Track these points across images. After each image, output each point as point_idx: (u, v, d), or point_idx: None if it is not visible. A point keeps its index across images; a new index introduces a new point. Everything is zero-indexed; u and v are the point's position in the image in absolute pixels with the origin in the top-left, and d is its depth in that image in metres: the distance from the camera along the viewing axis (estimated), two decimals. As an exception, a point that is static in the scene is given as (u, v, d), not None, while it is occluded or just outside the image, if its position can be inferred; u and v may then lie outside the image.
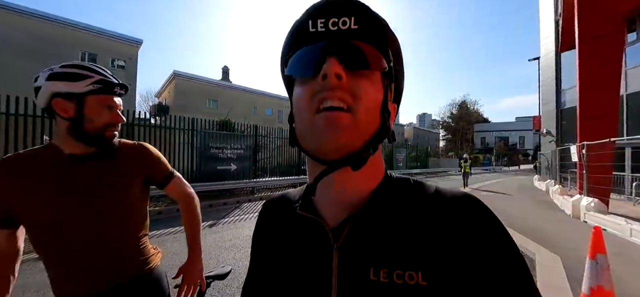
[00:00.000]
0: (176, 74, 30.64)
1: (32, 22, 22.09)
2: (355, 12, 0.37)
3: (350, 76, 0.37)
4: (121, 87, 0.99)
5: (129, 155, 1.04)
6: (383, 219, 0.39)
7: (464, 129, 52.58)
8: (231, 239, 4.96)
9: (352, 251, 0.38)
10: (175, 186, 1.18)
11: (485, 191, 12.16)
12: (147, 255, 1.05)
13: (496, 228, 0.38)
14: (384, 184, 0.43)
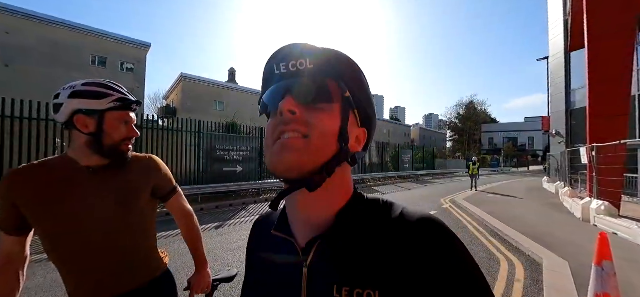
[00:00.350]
0: (183, 77, 31.05)
1: (44, 27, 22.67)
2: (309, 54, 0.43)
3: (305, 110, 0.42)
4: (137, 104, 1.05)
5: (140, 167, 1.09)
6: (347, 239, 0.42)
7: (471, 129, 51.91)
8: (237, 240, 5.01)
9: (319, 268, 0.42)
10: (177, 201, 1.22)
11: (491, 193, 11.98)
12: (156, 260, 1.11)
13: (454, 252, 0.39)
14: (351, 205, 0.45)
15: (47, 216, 0.90)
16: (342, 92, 0.44)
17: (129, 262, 1.01)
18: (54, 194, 0.91)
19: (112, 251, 0.97)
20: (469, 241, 5.16)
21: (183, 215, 1.24)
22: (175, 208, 1.22)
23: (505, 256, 4.40)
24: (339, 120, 0.43)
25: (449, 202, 9.66)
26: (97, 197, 0.95)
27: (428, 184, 17.61)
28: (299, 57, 0.43)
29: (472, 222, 6.77)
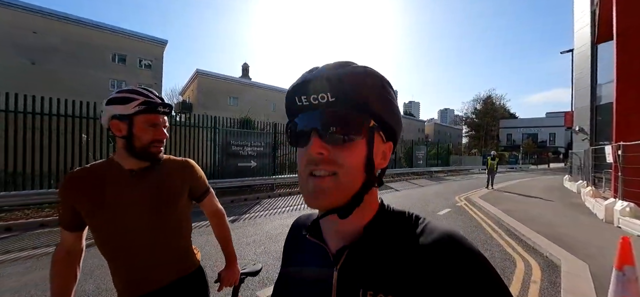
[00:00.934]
0: (199, 73, 31.68)
1: (69, 26, 23.60)
2: (329, 87, 0.44)
3: (332, 149, 0.44)
4: (164, 106, 1.08)
5: (177, 170, 1.17)
6: (373, 249, 0.47)
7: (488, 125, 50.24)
8: (252, 235, 5.15)
9: (348, 273, 0.47)
10: (209, 201, 1.29)
11: (508, 192, 11.48)
12: (190, 258, 1.19)
13: (475, 267, 0.42)
14: (377, 218, 0.50)
15: (94, 214, 1.01)
16: (367, 123, 0.46)
17: (165, 260, 1.09)
18: (99, 195, 1.01)
19: (148, 248, 1.06)
20: (483, 240, 5.09)
21: (215, 214, 1.32)
22: (208, 208, 1.30)
23: (521, 256, 4.32)
24: (364, 151, 0.46)
25: (463, 200, 9.50)
26: (136, 198, 1.04)
27: (442, 181, 17.33)
28: (319, 90, 0.44)
29: (488, 220, 6.65)
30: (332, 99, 0.44)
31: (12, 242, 4.72)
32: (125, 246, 1.03)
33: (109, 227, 1.02)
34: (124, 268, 1.05)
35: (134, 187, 1.05)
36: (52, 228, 5.61)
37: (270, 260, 3.90)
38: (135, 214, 1.03)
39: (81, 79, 23.44)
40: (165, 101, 1.11)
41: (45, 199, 6.57)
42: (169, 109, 1.11)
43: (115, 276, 1.07)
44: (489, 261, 0.44)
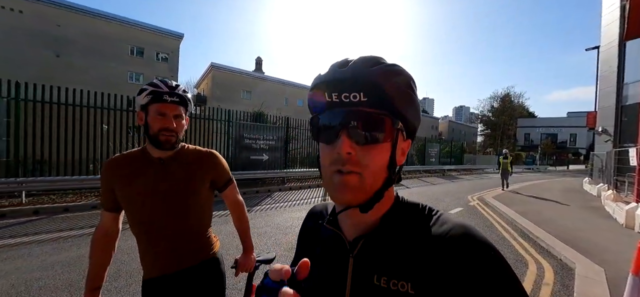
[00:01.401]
0: (213, 66, 32.14)
1: (90, 20, 24.38)
2: (363, 88, 0.43)
3: (360, 149, 0.45)
4: (171, 95, 1.10)
5: (201, 160, 1.23)
6: (388, 239, 0.49)
7: (505, 124, 48.62)
8: (263, 226, 5.27)
9: (363, 260, 0.49)
10: (231, 192, 1.34)
11: (523, 194, 10.79)
12: (211, 243, 1.27)
13: (486, 258, 0.43)
14: (393, 209, 0.52)
15: (125, 197, 1.13)
16: (395, 126, 0.46)
17: (185, 244, 1.17)
18: (130, 179, 1.12)
19: (170, 232, 1.14)
20: (495, 241, 5.01)
21: (235, 205, 1.37)
22: (229, 198, 1.35)
23: (534, 258, 4.25)
24: (389, 152, 0.47)
25: (476, 200, 9.34)
26: (160, 185, 1.13)
27: (455, 179, 17.04)
28: (352, 88, 0.44)
29: (501, 221, 6.53)
30: (364, 99, 0.44)
31: (40, 224, 5.02)
32: (149, 228, 1.13)
33: (135, 209, 1.12)
34: (148, 248, 1.15)
35: (159, 174, 1.14)
36: (75, 213, 5.91)
37: (281, 251, 4.00)
38: (158, 200, 1.12)
39: (102, 71, 24.27)
40: (180, 91, 1.13)
41: (68, 185, 6.92)
42: (178, 98, 1.12)
43: (141, 255, 1.17)
44: (500, 253, 0.44)
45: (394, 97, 0.45)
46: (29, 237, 4.31)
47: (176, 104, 1.13)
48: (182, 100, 1.14)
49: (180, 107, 1.15)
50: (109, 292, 2.78)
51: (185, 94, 1.17)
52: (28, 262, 3.42)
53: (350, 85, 0.44)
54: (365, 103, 0.44)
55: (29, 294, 2.73)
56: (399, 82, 0.46)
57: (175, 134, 1.14)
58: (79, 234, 4.50)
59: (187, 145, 1.26)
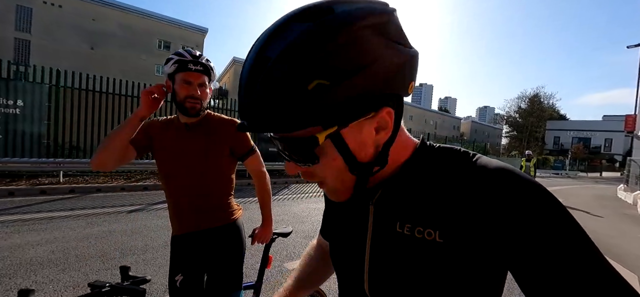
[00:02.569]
0: (235, 60, 32.87)
1: (123, 14, 25.64)
2: (259, 121, 0.36)
3: (306, 168, 0.43)
4: (195, 63, 1.16)
5: (223, 128, 1.29)
6: (411, 184, 0.45)
7: (533, 125, 46.11)
8: (280, 214, 5.38)
9: (384, 207, 0.47)
10: (252, 162, 1.39)
11: None
12: (232, 209, 1.35)
13: (529, 198, 0.36)
14: (416, 156, 0.47)
15: (157, 155, 1.26)
16: (318, 141, 0.37)
17: (203, 204, 1.26)
18: (162, 140, 1.26)
19: (192, 190, 1.24)
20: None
21: (256, 175, 1.42)
22: (250, 167, 1.40)
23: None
24: (337, 159, 0.40)
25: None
26: (184, 148, 1.24)
27: (476, 181, 16.48)
28: (259, 125, 0.36)
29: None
30: (271, 132, 0.38)
31: (75, 201, 5.41)
32: (170, 181, 1.25)
33: (160, 163, 1.26)
34: (173, 206, 1.27)
35: (184, 139, 1.24)
36: (106, 193, 6.31)
37: (298, 238, 4.07)
38: (181, 161, 1.23)
39: (132, 63, 25.48)
40: (203, 60, 1.19)
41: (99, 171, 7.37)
42: (202, 67, 1.18)
43: (170, 214, 1.30)
44: (551, 194, 0.37)
45: (299, 105, 0.34)
46: (66, 212, 4.66)
47: (200, 73, 1.19)
48: (205, 69, 1.20)
49: (204, 76, 1.21)
50: (137, 263, 2.97)
51: (209, 62, 1.22)
52: (65, 233, 3.71)
53: (252, 121, 0.37)
54: (274, 132, 0.38)
55: (67, 261, 2.97)
56: (294, 84, 0.33)
57: (199, 101, 1.20)
58: (109, 212, 4.81)
59: (213, 113, 1.34)
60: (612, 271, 0.32)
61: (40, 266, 2.82)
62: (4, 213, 4.40)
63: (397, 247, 0.44)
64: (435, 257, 0.40)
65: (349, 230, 0.53)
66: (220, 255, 1.28)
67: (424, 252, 0.41)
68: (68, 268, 2.81)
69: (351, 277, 0.51)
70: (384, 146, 0.42)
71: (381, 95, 0.38)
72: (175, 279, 1.25)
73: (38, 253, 3.08)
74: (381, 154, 0.42)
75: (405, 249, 0.43)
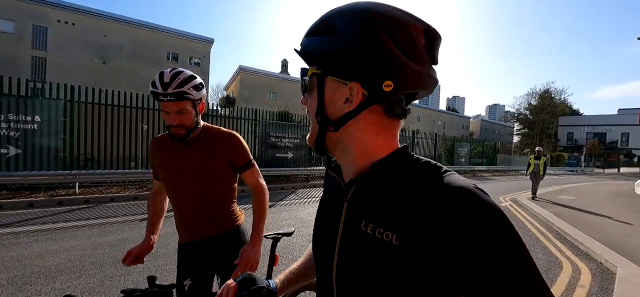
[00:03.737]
0: (242, 69, 33.36)
1: (132, 29, 26.43)
2: (301, 55, 0.53)
3: (307, 101, 0.55)
4: (164, 95, 1.12)
5: (221, 141, 1.33)
6: (380, 186, 0.48)
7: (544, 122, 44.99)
8: (286, 219, 5.45)
9: (355, 205, 0.50)
10: (250, 175, 1.38)
11: (559, 204, 8.08)
12: (236, 215, 1.42)
13: (483, 218, 0.38)
14: (388, 159, 0.49)
15: (160, 171, 1.34)
16: (310, 73, 0.52)
17: (207, 214, 1.33)
18: (164, 157, 1.33)
19: (196, 202, 1.31)
20: (527, 242, 4.76)
21: (254, 188, 1.41)
22: (247, 180, 1.40)
23: (569, 260, 4.00)
24: (315, 101, 0.51)
25: (508, 201, 8.87)
26: (184, 162, 1.29)
27: (487, 180, 16.22)
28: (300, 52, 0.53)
29: (535, 222, 6.18)
30: (304, 59, 0.53)
31: (90, 211, 5.61)
32: (176, 198, 1.32)
33: (166, 181, 1.34)
34: (179, 217, 1.35)
35: (184, 153, 1.30)
36: (119, 202, 6.51)
37: (304, 242, 4.13)
38: (183, 175, 1.30)
39: (141, 75, 26.17)
40: (174, 88, 1.10)
41: (114, 178, 7.61)
42: (173, 96, 1.11)
43: (176, 223, 1.38)
44: (506, 217, 0.39)
45: (305, 47, 0.52)
46: (81, 222, 4.85)
47: (173, 102, 1.13)
48: (177, 96, 1.12)
49: (181, 103, 1.14)
50: (149, 270, 3.07)
51: (182, 87, 1.13)
52: (81, 242, 3.87)
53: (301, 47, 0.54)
54: (304, 60, 0.53)
55: (83, 267, 3.10)
56: (313, 31, 0.51)
57: (182, 127, 1.19)
58: (122, 221, 4.98)
59: (211, 126, 1.37)
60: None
61: (58, 273, 2.96)
62: (24, 224, 4.61)
63: (360, 244, 0.47)
64: (390, 258, 0.43)
65: (326, 224, 0.58)
66: (226, 260, 1.34)
67: (381, 253, 0.44)
68: (84, 274, 2.95)
69: (324, 269, 0.56)
70: (344, 115, 0.48)
71: (356, 70, 0.46)
72: (184, 284, 1.32)
73: (56, 261, 3.23)
74: (340, 119, 0.49)
75: (366, 247, 0.46)
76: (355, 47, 0.45)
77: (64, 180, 6.97)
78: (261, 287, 0.66)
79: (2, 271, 2.95)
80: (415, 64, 0.45)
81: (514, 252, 0.37)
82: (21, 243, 3.74)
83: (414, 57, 0.45)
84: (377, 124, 0.49)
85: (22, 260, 3.22)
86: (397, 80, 0.45)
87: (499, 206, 0.40)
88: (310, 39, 0.51)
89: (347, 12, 0.47)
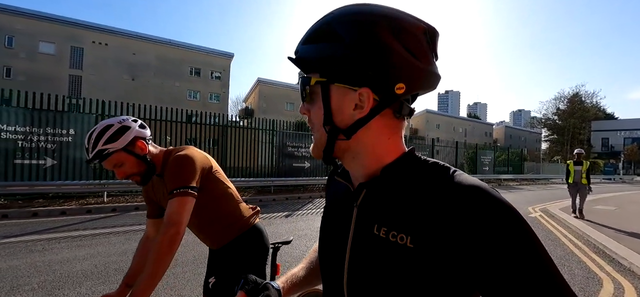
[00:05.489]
0: (260, 81, 34.26)
1: (158, 46, 28.03)
2: (298, 56, 0.50)
3: (309, 109, 0.52)
4: (88, 161, 1.12)
5: (166, 168, 1.20)
6: (391, 189, 0.47)
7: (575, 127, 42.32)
8: (303, 229, 5.42)
9: (365, 209, 0.49)
10: (167, 207, 1.09)
11: (597, 223, 6.36)
12: (246, 215, 1.41)
13: (497, 215, 0.38)
14: (398, 163, 0.49)
15: (151, 202, 1.36)
16: (314, 82, 0.48)
17: (213, 230, 1.36)
18: (154, 193, 1.33)
19: (193, 226, 1.34)
20: (561, 256, 4.42)
21: (164, 219, 1.08)
22: (166, 213, 1.10)
23: (610, 277, 3.65)
24: (322, 109, 0.49)
25: (538, 211, 8.33)
26: (163, 195, 1.25)
27: (513, 190, 15.41)
28: (296, 57, 0.51)
29: (569, 234, 5.73)
30: (299, 67, 0.50)
31: (116, 219, 5.86)
32: None
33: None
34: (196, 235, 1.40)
35: (160, 187, 1.28)
36: (144, 211, 6.74)
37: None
38: (164, 202, 1.28)
39: (167, 90, 27.60)
40: (90, 151, 1.08)
41: (139, 187, 7.95)
42: (94, 157, 1.09)
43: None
44: (519, 214, 0.39)
45: (306, 54, 0.49)
46: (108, 229, 5.06)
47: (103, 160, 1.09)
48: (99, 156, 1.08)
49: (110, 158, 1.09)
50: (167, 276, 3.13)
51: (96, 147, 1.07)
52: (107, 248, 4.03)
53: (296, 53, 0.52)
54: (301, 70, 0.51)
55: (107, 274, 3.22)
56: (314, 36, 0.48)
57: (134, 175, 1.17)
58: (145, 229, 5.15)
59: (173, 150, 1.26)
60: (570, 293, 0.36)
61: (84, 278, 3.09)
62: (57, 231, 4.89)
63: (373, 249, 0.46)
64: (406, 261, 0.42)
65: (334, 230, 0.56)
66: (245, 259, 1.37)
67: (396, 256, 0.43)
68: (107, 281, 3.05)
69: (333, 276, 0.54)
70: (356, 122, 0.47)
71: (366, 76, 0.45)
72: (209, 281, 1.37)
73: (83, 267, 3.37)
74: (351, 127, 0.47)
75: (380, 252, 0.45)
76: (363, 52, 0.44)
77: (94, 189, 7.37)
78: (268, 288, 0.63)
79: (35, 275, 3.11)
80: (422, 63, 0.46)
81: (529, 247, 0.37)
82: (53, 249, 3.96)
83: (420, 56, 0.45)
84: (387, 127, 0.49)
85: (52, 265, 3.40)
86: (408, 82, 0.45)
87: (513, 206, 0.40)
88: (308, 46, 0.48)
89: (348, 15, 0.45)
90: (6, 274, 3.12)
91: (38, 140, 6.93)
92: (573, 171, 7.16)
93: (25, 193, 6.92)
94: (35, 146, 6.89)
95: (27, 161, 6.83)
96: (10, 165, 6.66)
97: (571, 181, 7.20)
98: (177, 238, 1.05)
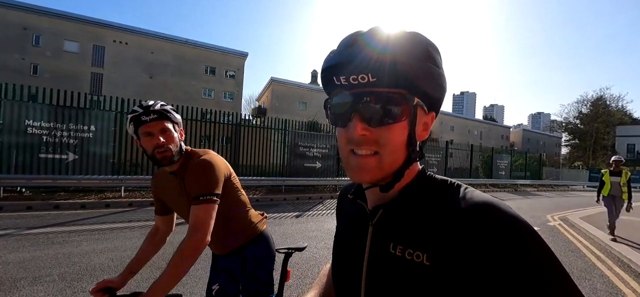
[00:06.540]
0: (273, 80, 34.53)
1: (175, 46, 28.73)
2: (371, 67, 0.41)
3: (374, 130, 0.44)
4: (147, 113, 1.09)
5: (189, 170, 1.19)
6: (407, 209, 0.48)
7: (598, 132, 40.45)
8: (314, 230, 5.42)
9: (381, 229, 0.50)
10: (192, 211, 1.11)
11: (631, 238, 5.78)
12: (254, 222, 1.42)
13: (512, 232, 0.38)
14: (414, 183, 0.50)
15: (160, 201, 1.39)
16: (410, 103, 0.44)
17: (219, 237, 1.34)
18: (164, 192, 1.35)
19: None
20: (581, 268, 4.23)
21: (189, 227, 1.09)
22: (191, 218, 1.12)
23: (636, 293, 3.46)
24: (407, 130, 0.45)
25: (557, 220, 8.01)
26: (177, 197, 1.27)
27: (530, 195, 14.90)
28: (360, 70, 0.42)
29: (590, 246, 5.48)
30: (373, 79, 0.42)
31: (132, 214, 6.05)
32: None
33: (179, 215, 1.37)
34: None
35: (172, 186, 1.28)
36: (158, 207, 6.96)
37: (328, 254, 4.06)
38: (181, 208, 1.31)
39: (183, 88, 28.27)
40: (156, 108, 1.11)
41: (154, 184, 8.19)
42: (155, 114, 1.10)
43: None
44: (533, 229, 0.40)
45: (408, 71, 0.42)
46: (124, 224, 5.23)
47: (156, 121, 1.12)
48: (160, 114, 1.12)
49: (163, 122, 1.13)
50: (181, 273, 3.20)
51: (164, 107, 1.15)
52: (123, 243, 4.15)
53: (357, 67, 0.42)
54: (375, 83, 0.42)
55: (122, 267, 3.27)
56: (413, 56, 0.43)
57: (167, 148, 1.13)
58: (160, 225, 5.30)
59: (195, 152, 1.27)
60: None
61: (101, 271, 3.19)
62: (77, 223, 5.09)
63: (390, 267, 0.46)
64: (423, 279, 0.42)
65: (349, 248, 0.56)
66: (251, 266, 1.37)
67: (412, 274, 0.43)
68: (123, 275, 3.14)
69: (348, 295, 0.54)
70: (421, 143, 0.50)
71: (437, 101, 0.48)
72: (212, 288, 1.36)
73: (100, 260, 3.49)
74: (421, 149, 0.50)
75: (396, 270, 0.45)
76: (444, 79, 0.47)
77: (112, 184, 7.63)
78: None
79: (55, 267, 3.25)
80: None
81: (541, 262, 0.37)
82: (73, 241, 4.12)
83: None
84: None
85: (72, 257, 3.53)
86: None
87: (526, 220, 0.40)
88: (408, 60, 0.42)
89: (431, 44, 0.46)
90: (29, 264, 3.27)
91: (61, 136, 7.23)
92: (608, 182, 5.93)
93: (48, 186, 7.24)
94: (58, 141, 7.19)
95: (51, 155, 7.14)
96: (36, 159, 6.98)
97: (606, 193, 5.98)
98: (202, 245, 1.07)
